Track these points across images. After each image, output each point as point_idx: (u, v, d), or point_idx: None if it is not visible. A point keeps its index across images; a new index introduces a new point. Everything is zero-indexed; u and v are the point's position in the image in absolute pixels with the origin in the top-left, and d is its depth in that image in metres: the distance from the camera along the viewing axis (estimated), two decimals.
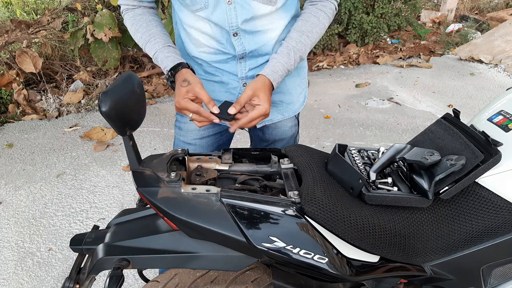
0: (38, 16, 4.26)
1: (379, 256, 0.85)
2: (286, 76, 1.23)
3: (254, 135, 1.38)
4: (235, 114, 1.00)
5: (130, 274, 1.85)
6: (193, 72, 1.06)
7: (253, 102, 1.01)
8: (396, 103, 3.73)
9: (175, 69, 1.04)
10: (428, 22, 6.15)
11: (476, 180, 0.87)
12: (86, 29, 3.59)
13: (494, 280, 0.98)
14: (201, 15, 1.06)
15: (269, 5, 1.06)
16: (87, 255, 0.94)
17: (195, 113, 1.00)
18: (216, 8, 1.04)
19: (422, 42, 5.41)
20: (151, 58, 3.95)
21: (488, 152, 0.84)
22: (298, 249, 0.78)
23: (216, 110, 0.99)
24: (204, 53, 1.15)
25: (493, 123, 0.96)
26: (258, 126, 1.27)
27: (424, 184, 0.84)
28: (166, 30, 1.14)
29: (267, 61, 1.12)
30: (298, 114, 1.35)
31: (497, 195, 0.87)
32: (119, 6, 1.15)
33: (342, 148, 0.96)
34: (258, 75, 1.06)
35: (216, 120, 1.00)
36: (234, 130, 1.05)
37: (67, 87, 3.80)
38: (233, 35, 1.08)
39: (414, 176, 0.86)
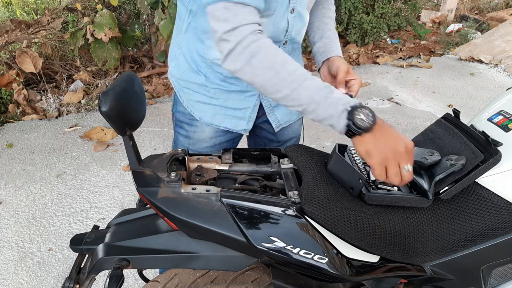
0: (38, 16, 4.26)
1: (379, 256, 0.85)
2: None
3: (261, 138, 1.34)
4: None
5: (130, 274, 1.85)
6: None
7: (347, 79, 1.04)
8: (396, 103, 3.73)
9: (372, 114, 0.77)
10: (428, 22, 6.15)
11: (476, 180, 0.87)
12: (86, 29, 3.59)
13: (494, 280, 0.98)
14: (263, 21, 0.92)
15: (309, 11, 1.09)
16: (87, 255, 0.94)
17: (401, 178, 0.80)
18: (282, 17, 0.99)
19: (422, 42, 5.41)
20: (151, 59, 3.91)
21: (488, 152, 0.84)
22: (298, 249, 0.78)
23: None
24: None
25: (493, 123, 0.96)
26: (276, 130, 1.25)
27: (424, 184, 0.84)
28: None
29: None
30: None
31: (497, 195, 0.87)
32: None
33: (342, 148, 0.96)
34: (329, 57, 1.10)
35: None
36: None
37: (67, 87, 3.80)
38: (283, 44, 1.07)
39: (414, 176, 0.86)
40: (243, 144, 1.49)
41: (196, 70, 1.11)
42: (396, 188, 0.86)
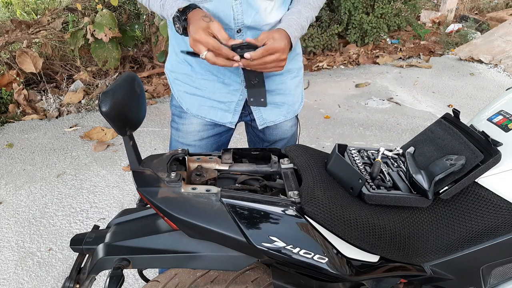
0: (38, 16, 4.26)
1: (379, 256, 0.85)
2: (288, 74, 1.22)
3: (254, 136, 1.37)
4: (252, 46, 0.96)
5: (130, 274, 1.85)
6: None
7: (269, 45, 0.97)
8: (396, 103, 3.73)
9: (189, 8, 0.98)
10: (428, 22, 6.15)
11: (476, 180, 0.87)
12: (86, 29, 3.59)
13: (494, 280, 0.98)
14: (206, 6, 1.03)
15: (269, 0, 1.05)
16: (87, 255, 0.94)
17: (214, 50, 0.94)
18: (225, 3, 1.02)
19: (422, 42, 5.42)
20: (151, 59, 3.94)
21: (488, 152, 0.84)
22: (298, 249, 0.78)
23: (236, 42, 0.95)
24: None
25: (493, 123, 0.96)
26: (260, 127, 1.27)
27: (424, 184, 0.84)
28: None
29: None
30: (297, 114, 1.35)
31: (497, 195, 0.87)
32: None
33: (342, 148, 0.96)
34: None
35: (237, 57, 0.96)
36: (251, 57, 0.97)
37: (67, 87, 3.80)
38: (237, 31, 1.07)
39: (413, 176, 0.86)
40: (243, 143, 1.49)
41: (182, 60, 1.18)
42: (396, 188, 0.86)
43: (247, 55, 0.95)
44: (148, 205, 0.91)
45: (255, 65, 0.98)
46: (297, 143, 1.43)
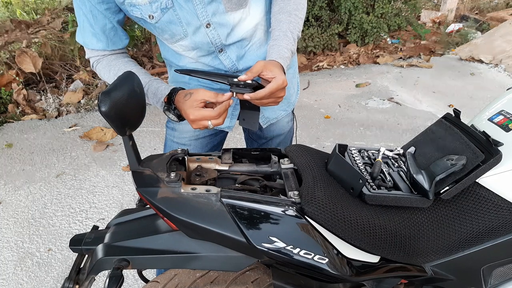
0: (38, 16, 4.26)
1: (380, 257, 0.84)
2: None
3: (252, 133, 1.37)
4: (250, 84, 0.92)
5: (130, 274, 1.85)
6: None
7: (266, 76, 0.93)
8: (397, 103, 3.73)
9: (171, 96, 1.01)
10: (428, 22, 6.15)
11: (477, 180, 0.86)
12: None
13: (494, 280, 0.98)
14: (183, 44, 1.06)
15: (241, 8, 1.03)
16: (86, 256, 0.94)
17: (213, 118, 0.93)
18: (196, 35, 1.03)
19: (422, 42, 5.42)
20: (151, 58, 3.92)
21: (488, 152, 0.84)
22: (298, 249, 0.78)
23: (229, 94, 0.93)
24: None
25: (493, 123, 0.96)
26: (264, 126, 1.27)
27: (425, 184, 0.83)
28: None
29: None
30: (293, 108, 1.36)
31: (498, 195, 0.87)
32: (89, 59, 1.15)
33: (342, 148, 0.96)
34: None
35: (232, 102, 0.94)
36: (253, 98, 0.93)
37: (66, 87, 3.80)
38: (219, 51, 1.09)
39: (414, 176, 0.86)
40: (243, 143, 1.49)
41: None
42: (396, 188, 0.86)
43: (246, 96, 0.92)
44: (148, 206, 0.90)
45: (253, 101, 0.95)
46: (293, 137, 1.43)
